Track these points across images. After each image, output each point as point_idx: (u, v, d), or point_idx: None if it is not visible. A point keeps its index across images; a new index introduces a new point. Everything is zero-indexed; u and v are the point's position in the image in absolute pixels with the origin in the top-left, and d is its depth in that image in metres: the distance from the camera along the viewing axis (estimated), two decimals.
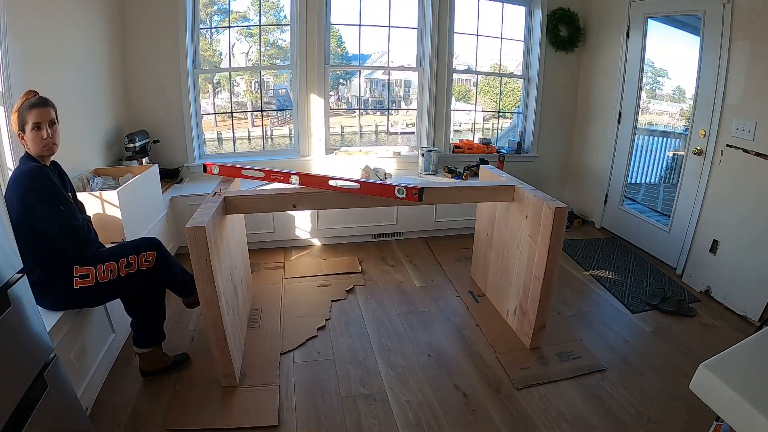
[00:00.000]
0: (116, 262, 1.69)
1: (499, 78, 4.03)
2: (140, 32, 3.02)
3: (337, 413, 1.78)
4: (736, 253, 2.57)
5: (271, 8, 3.46)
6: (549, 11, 3.63)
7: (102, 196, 2.09)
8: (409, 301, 2.63)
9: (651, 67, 3.67)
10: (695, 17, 2.84)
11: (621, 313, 2.56)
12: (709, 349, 2.17)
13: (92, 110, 2.67)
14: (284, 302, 2.56)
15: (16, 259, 1.16)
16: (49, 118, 1.57)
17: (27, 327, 1.16)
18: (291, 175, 2.08)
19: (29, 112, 1.54)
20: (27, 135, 1.55)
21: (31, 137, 1.55)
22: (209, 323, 1.72)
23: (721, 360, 0.93)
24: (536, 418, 1.77)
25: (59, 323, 1.56)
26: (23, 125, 1.55)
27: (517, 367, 2.05)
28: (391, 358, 2.12)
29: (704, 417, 1.71)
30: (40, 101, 1.56)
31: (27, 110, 1.54)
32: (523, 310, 2.20)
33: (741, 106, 2.52)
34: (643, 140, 4.69)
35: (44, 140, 1.56)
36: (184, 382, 1.90)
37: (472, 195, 2.36)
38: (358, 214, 3.29)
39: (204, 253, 1.60)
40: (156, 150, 3.16)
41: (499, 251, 2.47)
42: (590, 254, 3.34)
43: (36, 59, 2.05)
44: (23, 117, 1.55)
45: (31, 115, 1.54)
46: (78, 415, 1.37)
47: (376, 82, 4.05)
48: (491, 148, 3.85)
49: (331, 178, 2.02)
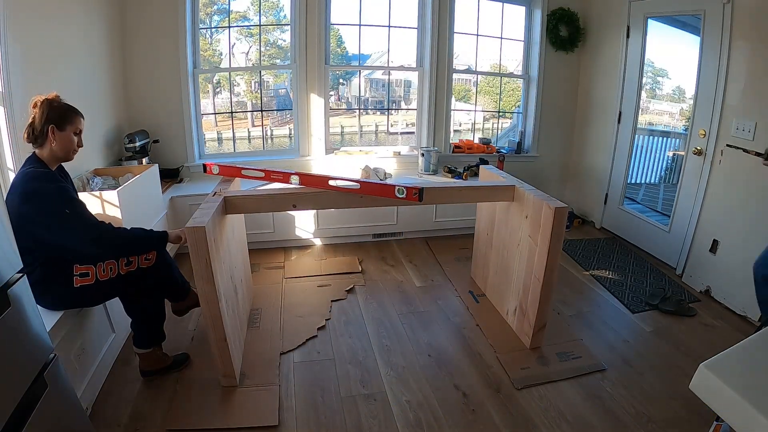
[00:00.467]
0: (116, 261, 1.69)
1: (499, 78, 4.03)
2: (140, 32, 3.02)
3: (337, 413, 1.78)
4: (736, 253, 2.56)
5: (271, 8, 3.46)
6: (549, 11, 3.63)
7: (102, 196, 2.09)
8: (409, 301, 2.63)
9: (651, 67, 3.67)
10: (695, 17, 2.84)
11: (621, 313, 2.56)
12: (709, 349, 2.17)
13: (92, 110, 2.66)
14: (284, 302, 2.56)
15: (16, 259, 1.15)
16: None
17: (27, 327, 1.15)
18: (291, 175, 2.08)
19: (78, 118, 1.58)
20: (63, 134, 1.54)
21: (69, 139, 1.56)
22: (209, 323, 1.72)
23: (721, 360, 0.93)
24: (536, 418, 1.77)
25: (59, 323, 1.56)
26: (64, 123, 1.53)
27: (517, 367, 2.05)
28: (391, 358, 2.12)
29: (704, 417, 1.71)
30: (81, 112, 1.60)
31: (76, 115, 1.58)
32: (523, 310, 2.20)
33: (741, 106, 2.52)
34: (643, 140, 4.69)
35: (77, 149, 1.60)
36: (184, 382, 1.90)
37: (472, 195, 2.36)
38: (358, 214, 3.29)
39: (204, 253, 1.60)
40: (156, 150, 3.16)
41: (499, 251, 2.47)
42: (590, 254, 3.34)
43: (36, 59, 2.05)
44: (69, 117, 1.55)
45: (79, 122, 1.58)
46: (78, 415, 1.37)
47: (376, 82, 4.05)
48: (491, 148, 3.85)
49: (331, 178, 2.02)
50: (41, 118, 1.51)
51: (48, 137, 1.52)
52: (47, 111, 1.51)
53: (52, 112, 1.52)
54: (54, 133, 1.52)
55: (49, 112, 1.51)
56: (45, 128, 1.51)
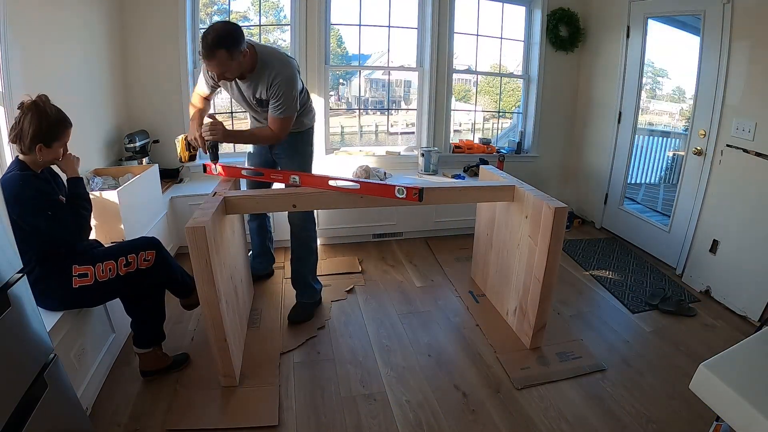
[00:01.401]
0: (115, 261, 1.69)
1: (499, 78, 4.03)
2: (140, 32, 3.02)
3: (337, 413, 1.78)
4: (736, 253, 2.57)
5: (271, 8, 3.46)
6: (549, 11, 3.64)
7: (102, 196, 2.09)
8: (409, 301, 2.63)
9: (651, 67, 3.67)
10: (695, 17, 2.84)
11: (621, 313, 2.56)
12: (709, 349, 2.17)
13: (92, 110, 2.67)
14: (284, 302, 2.56)
15: (16, 259, 1.16)
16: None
17: (27, 327, 1.16)
18: (291, 175, 2.08)
19: (66, 132, 1.56)
20: (50, 150, 1.52)
21: (55, 154, 1.55)
22: (209, 323, 1.72)
23: (721, 360, 0.93)
24: (536, 418, 1.77)
25: (59, 323, 1.56)
26: (52, 141, 1.51)
27: (517, 367, 2.05)
28: (391, 358, 2.12)
29: (704, 417, 1.71)
30: (69, 121, 1.56)
31: (65, 129, 1.55)
32: (523, 310, 2.20)
33: (741, 106, 2.52)
34: (643, 140, 4.70)
35: (61, 158, 1.59)
36: (184, 382, 1.90)
37: (472, 195, 2.35)
38: (358, 214, 3.29)
39: (204, 253, 1.60)
40: (156, 150, 3.16)
41: (499, 251, 2.47)
42: (590, 254, 3.34)
43: (36, 59, 2.05)
44: (58, 133, 1.53)
45: (67, 135, 1.56)
46: (78, 415, 1.37)
47: (376, 82, 4.05)
48: (491, 148, 3.85)
49: (331, 178, 2.02)
50: (29, 131, 1.47)
51: (35, 151, 1.51)
52: (35, 126, 1.47)
53: (42, 127, 1.48)
54: (41, 151, 1.51)
55: (38, 128, 1.47)
56: (33, 145, 1.49)
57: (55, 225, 1.54)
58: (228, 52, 1.78)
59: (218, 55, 1.77)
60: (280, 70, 1.95)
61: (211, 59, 1.78)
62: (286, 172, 2.10)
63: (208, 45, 1.75)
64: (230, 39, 1.78)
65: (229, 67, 1.83)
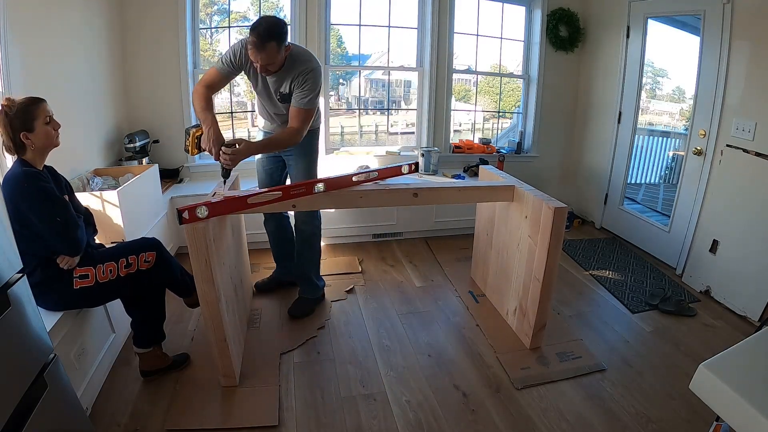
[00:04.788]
0: (116, 263, 1.69)
1: (499, 78, 4.03)
2: (140, 32, 3.01)
3: (337, 413, 1.78)
4: (736, 253, 2.57)
5: (270, 8, 3.45)
6: (549, 11, 3.63)
7: (102, 196, 2.09)
8: (409, 301, 2.63)
9: (651, 67, 3.67)
10: (695, 17, 2.84)
11: (621, 313, 2.56)
12: (709, 349, 2.17)
13: (92, 110, 2.67)
14: (284, 302, 2.56)
15: (16, 260, 1.15)
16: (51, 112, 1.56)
17: (27, 327, 1.15)
18: (315, 184, 1.96)
19: (41, 107, 1.51)
20: (38, 131, 1.50)
21: (44, 132, 1.51)
22: (209, 323, 1.72)
23: (721, 360, 0.93)
24: (536, 418, 1.77)
25: (59, 323, 1.56)
26: (31, 123, 1.49)
27: (517, 367, 2.05)
28: (391, 358, 2.12)
29: (704, 417, 1.71)
30: (39, 98, 1.53)
31: (37, 106, 1.50)
32: (523, 310, 2.20)
33: (741, 106, 2.52)
34: (643, 140, 4.70)
35: (57, 132, 1.55)
36: (184, 382, 1.90)
37: (472, 195, 2.35)
38: (358, 214, 3.29)
39: (204, 253, 1.60)
40: (156, 150, 3.16)
41: (499, 251, 2.47)
42: (590, 254, 3.34)
43: (36, 59, 2.04)
44: (32, 113, 1.49)
45: (44, 110, 1.52)
46: (78, 415, 1.37)
47: (376, 82, 4.05)
48: (491, 148, 3.85)
49: (354, 175, 2.06)
50: (6, 133, 1.47)
51: (25, 144, 1.50)
52: (7, 124, 1.47)
53: (14, 121, 1.47)
54: (28, 138, 1.49)
55: (11, 123, 1.47)
56: (17, 138, 1.48)
57: (66, 228, 1.52)
58: (278, 44, 1.83)
59: (268, 47, 1.80)
60: (311, 63, 2.00)
61: (261, 51, 1.80)
62: (309, 182, 1.99)
63: (260, 36, 1.78)
64: (282, 32, 1.83)
65: (275, 59, 1.87)
